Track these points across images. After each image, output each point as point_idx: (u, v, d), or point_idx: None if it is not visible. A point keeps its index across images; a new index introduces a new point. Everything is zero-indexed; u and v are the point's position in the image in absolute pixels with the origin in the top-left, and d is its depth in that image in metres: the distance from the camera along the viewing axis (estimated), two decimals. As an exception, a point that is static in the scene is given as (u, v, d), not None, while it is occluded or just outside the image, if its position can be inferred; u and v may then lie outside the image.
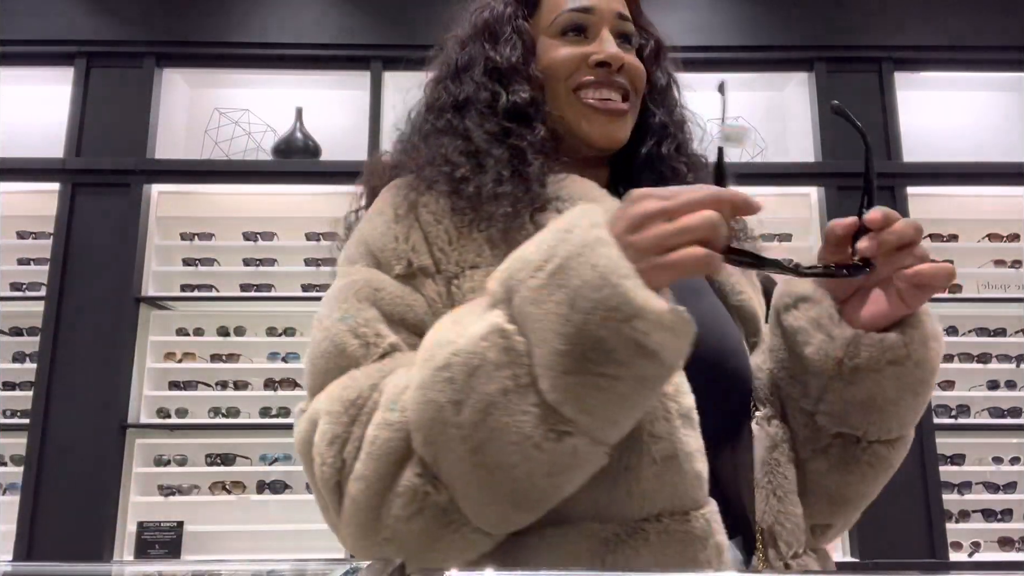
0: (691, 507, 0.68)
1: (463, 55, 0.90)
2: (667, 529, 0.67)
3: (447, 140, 0.83)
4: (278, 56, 3.30)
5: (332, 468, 0.67)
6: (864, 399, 0.74)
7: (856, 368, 0.72)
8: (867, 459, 0.76)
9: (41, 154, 3.16)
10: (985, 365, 3.22)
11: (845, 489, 0.78)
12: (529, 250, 0.63)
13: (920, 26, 3.31)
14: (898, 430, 0.76)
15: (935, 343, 0.72)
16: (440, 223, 0.78)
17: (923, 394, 0.74)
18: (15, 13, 3.23)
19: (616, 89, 0.87)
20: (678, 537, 0.67)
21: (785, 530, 0.76)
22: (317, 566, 0.43)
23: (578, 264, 0.59)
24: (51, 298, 3.01)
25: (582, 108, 0.86)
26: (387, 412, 0.66)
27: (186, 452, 3.11)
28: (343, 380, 0.70)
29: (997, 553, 3.04)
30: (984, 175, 3.26)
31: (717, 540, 0.69)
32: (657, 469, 0.67)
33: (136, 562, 2.75)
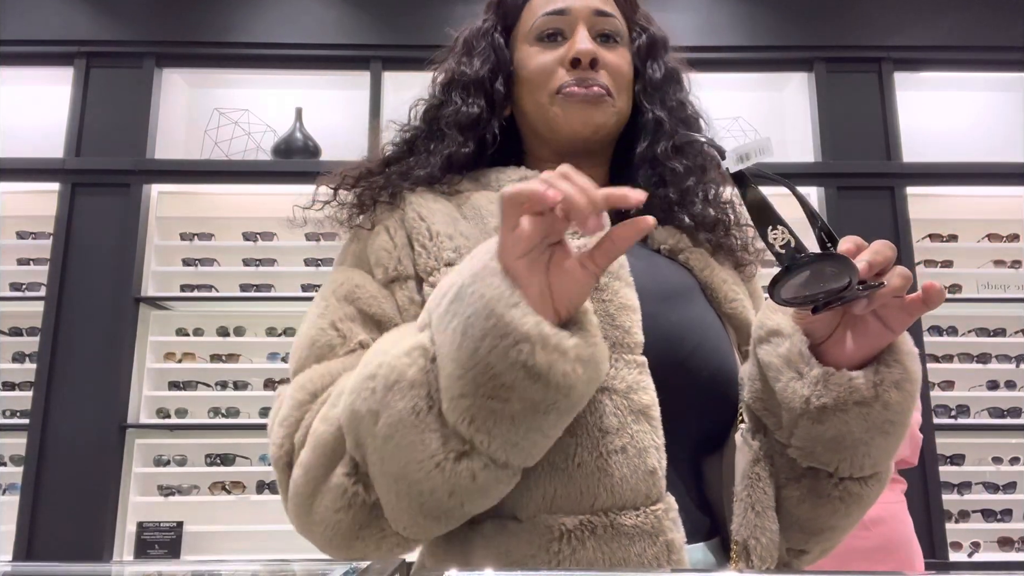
0: (642, 503, 0.69)
1: (441, 70, 0.94)
2: (613, 523, 0.68)
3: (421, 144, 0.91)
4: (278, 56, 3.30)
5: (282, 450, 0.73)
6: (832, 437, 0.71)
7: (823, 407, 0.69)
8: (838, 494, 0.74)
9: (41, 154, 3.16)
10: (985, 365, 3.22)
11: (816, 521, 0.76)
12: (450, 275, 0.66)
13: (920, 26, 3.31)
14: (871, 468, 0.73)
15: (910, 385, 0.69)
16: (424, 220, 0.82)
17: (894, 434, 0.71)
18: (15, 13, 3.23)
19: (594, 86, 0.86)
20: (624, 532, 0.68)
21: (760, 544, 0.73)
22: (317, 566, 0.43)
23: (470, 294, 0.61)
24: (51, 298, 3.01)
25: (562, 101, 0.86)
26: (331, 408, 0.70)
27: (186, 452, 3.10)
28: (314, 369, 0.75)
29: (997, 553, 3.04)
30: (984, 175, 3.26)
31: (669, 539, 0.68)
32: (603, 463, 0.69)
33: (136, 562, 2.75)
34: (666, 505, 0.70)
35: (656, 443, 0.70)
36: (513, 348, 0.59)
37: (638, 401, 0.71)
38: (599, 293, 0.75)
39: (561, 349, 0.60)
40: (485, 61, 0.91)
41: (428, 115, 0.92)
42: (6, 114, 3.29)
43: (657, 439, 0.71)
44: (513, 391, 0.60)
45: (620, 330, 0.73)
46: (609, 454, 0.69)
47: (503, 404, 0.61)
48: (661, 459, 0.70)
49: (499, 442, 0.63)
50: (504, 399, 0.61)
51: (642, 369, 0.73)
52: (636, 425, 0.70)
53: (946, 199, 3.33)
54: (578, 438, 0.70)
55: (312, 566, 0.46)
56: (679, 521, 0.70)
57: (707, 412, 0.78)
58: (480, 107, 0.89)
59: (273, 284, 3.22)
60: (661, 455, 0.71)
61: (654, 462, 0.70)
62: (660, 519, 0.69)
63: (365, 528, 0.69)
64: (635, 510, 0.69)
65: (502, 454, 0.63)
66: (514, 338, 0.59)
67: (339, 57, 3.30)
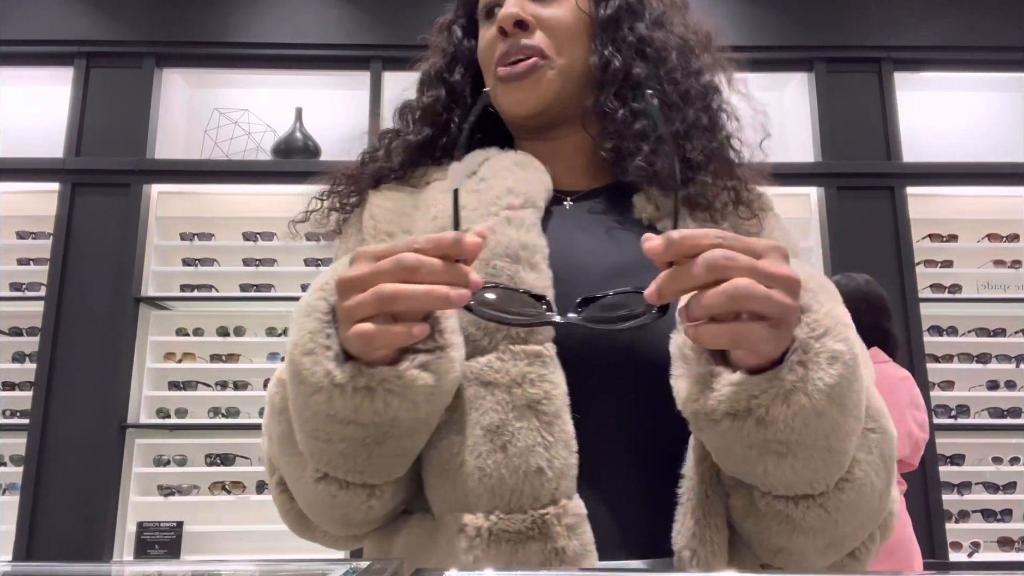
0: (529, 505, 0.63)
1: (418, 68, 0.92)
2: (495, 527, 0.63)
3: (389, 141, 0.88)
4: (278, 56, 3.30)
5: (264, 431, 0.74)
6: (718, 448, 0.61)
7: (695, 412, 0.59)
8: (767, 511, 0.62)
9: (41, 154, 3.17)
10: (985, 365, 3.22)
11: (762, 538, 0.65)
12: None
13: (920, 26, 3.31)
14: (786, 489, 0.61)
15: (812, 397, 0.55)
16: (373, 219, 0.81)
17: (799, 457, 0.57)
18: (15, 13, 3.23)
19: (526, 51, 0.79)
20: (504, 537, 0.63)
21: (699, 557, 0.63)
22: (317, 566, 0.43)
23: (291, 332, 0.62)
24: (51, 298, 3.01)
25: (497, 85, 0.82)
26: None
27: (186, 452, 3.10)
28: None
29: (997, 553, 3.04)
30: (984, 175, 3.26)
31: (559, 545, 0.62)
32: (482, 463, 0.64)
33: (136, 562, 2.75)
34: (560, 510, 0.63)
35: (545, 440, 0.64)
36: (311, 398, 0.59)
37: (523, 395, 0.65)
38: (492, 280, 0.67)
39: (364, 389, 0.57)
40: (444, 54, 0.89)
41: (398, 114, 0.90)
42: (6, 114, 3.29)
43: (548, 436, 0.64)
44: (331, 432, 0.60)
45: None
46: (488, 454, 0.64)
47: (326, 444, 0.61)
48: (555, 458, 0.64)
49: (343, 471, 0.63)
50: (326, 440, 0.61)
51: (533, 360, 0.66)
52: (519, 422, 0.64)
53: (946, 199, 3.33)
54: (463, 437, 0.66)
55: (312, 566, 0.46)
56: (582, 529, 0.63)
57: (652, 407, 0.67)
58: (437, 97, 0.86)
59: (273, 284, 3.22)
60: (555, 453, 0.64)
61: (539, 461, 0.63)
62: (549, 524, 0.63)
63: (307, 531, 0.73)
64: (521, 513, 0.63)
65: (353, 478, 0.63)
66: (307, 388, 0.59)
67: (339, 57, 3.30)
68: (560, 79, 0.80)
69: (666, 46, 0.81)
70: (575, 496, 0.64)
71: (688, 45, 0.82)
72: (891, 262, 3.07)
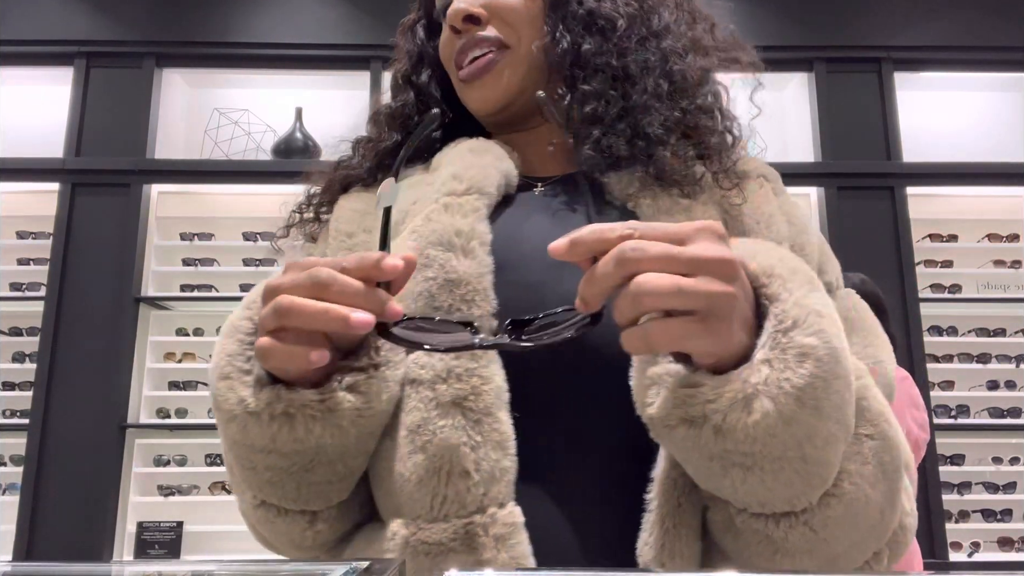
0: (454, 513, 0.57)
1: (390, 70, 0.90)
2: (412, 537, 0.58)
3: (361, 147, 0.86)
4: (278, 56, 3.30)
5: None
6: (681, 459, 0.55)
7: (649, 418, 0.53)
8: (744, 529, 0.55)
9: (41, 154, 3.16)
10: (985, 365, 3.22)
11: (743, 557, 0.58)
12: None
13: (920, 26, 3.31)
14: (760, 507, 0.54)
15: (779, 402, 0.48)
16: (336, 221, 0.79)
17: (757, 471, 0.50)
18: (15, 13, 3.23)
19: (484, 44, 0.76)
20: (423, 549, 0.57)
21: (665, 570, 0.57)
22: (316, 566, 0.43)
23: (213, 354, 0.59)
24: (51, 298, 3.01)
25: (460, 86, 0.79)
26: None
27: (186, 452, 3.10)
28: None
29: (997, 553, 3.04)
30: (984, 175, 3.26)
31: (483, 558, 0.56)
32: (403, 466, 0.59)
33: (136, 562, 2.74)
34: (487, 519, 0.57)
35: (472, 440, 0.58)
36: (227, 426, 0.56)
37: (447, 391, 0.59)
38: (424, 271, 0.63)
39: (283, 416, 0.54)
40: (409, 56, 0.86)
41: (371, 121, 0.88)
42: (6, 114, 3.29)
43: (476, 435, 0.58)
44: (254, 461, 0.57)
45: (441, 311, 0.62)
46: (408, 456, 0.59)
47: (252, 472, 0.58)
48: (483, 460, 0.58)
49: (276, 498, 0.60)
50: (251, 468, 0.58)
51: (460, 353, 0.60)
52: (442, 420, 0.58)
53: (946, 199, 3.33)
54: (393, 441, 0.61)
55: (312, 566, 0.45)
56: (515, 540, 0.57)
57: (611, 404, 0.60)
58: (405, 101, 0.84)
59: (273, 284, 3.22)
60: (483, 455, 0.58)
61: (464, 463, 0.57)
62: (473, 535, 0.57)
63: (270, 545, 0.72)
64: (444, 522, 0.57)
65: (289, 505, 0.60)
66: (224, 416, 0.56)
67: (339, 57, 3.30)
68: (522, 68, 0.76)
69: (617, 14, 0.74)
70: (509, 503, 0.58)
71: (644, 8, 0.76)
72: (891, 262, 3.07)
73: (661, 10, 0.77)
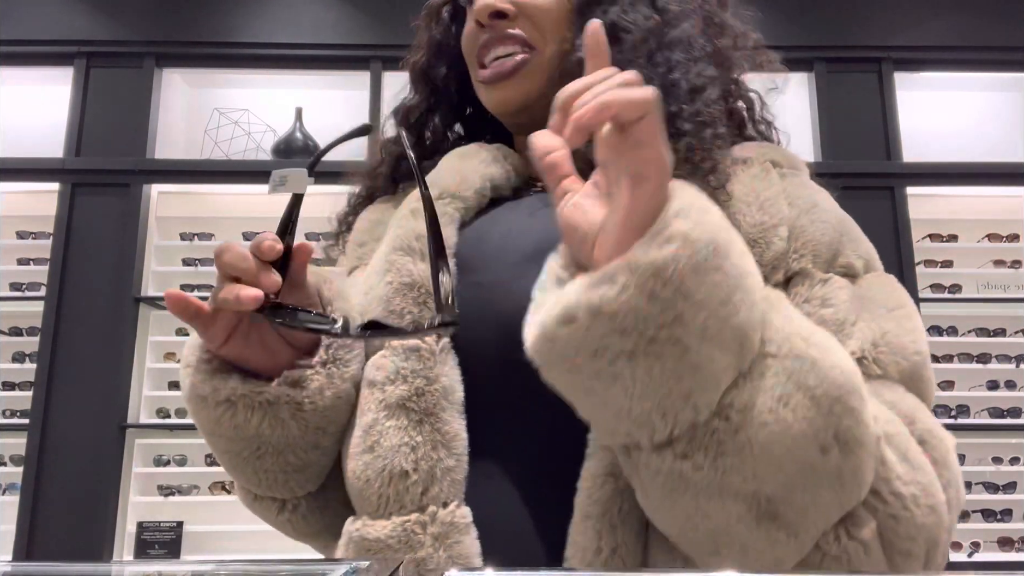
0: (395, 511, 0.59)
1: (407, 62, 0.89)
2: (355, 534, 0.60)
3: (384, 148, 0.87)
4: (278, 56, 3.30)
5: None
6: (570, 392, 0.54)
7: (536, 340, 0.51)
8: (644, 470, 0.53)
9: (41, 154, 3.16)
10: (985, 365, 3.21)
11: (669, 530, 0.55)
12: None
13: (920, 26, 3.31)
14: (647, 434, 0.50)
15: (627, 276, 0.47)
16: (353, 231, 0.82)
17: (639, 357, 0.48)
18: (15, 13, 3.22)
19: (509, 43, 0.74)
20: (364, 545, 0.59)
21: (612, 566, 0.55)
22: (317, 566, 0.43)
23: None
24: (51, 298, 3.00)
25: (479, 84, 0.78)
26: None
27: (186, 452, 3.10)
28: None
29: (997, 553, 3.04)
30: (984, 175, 3.26)
31: (419, 556, 0.57)
32: (354, 465, 0.62)
33: (136, 562, 2.74)
34: (426, 517, 0.58)
35: (412, 440, 0.59)
36: (188, 408, 0.63)
37: (394, 392, 0.61)
38: (385, 275, 0.66)
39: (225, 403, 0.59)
40: (429, 47, 0.84)
41: (393, 119, 0.88)
42: (6, 114, 3.29)
43: (416, 435, 0.59)
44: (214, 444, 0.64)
45: (394, 314, 0.64)
46: (359, 455, 0.61)
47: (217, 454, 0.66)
48: (423, 460, 0.59)
49: (243, 480, 0.66)
50: (215, 450, 0.65)
51: (410, 355, 0.62)
52: (389, 420, 0.60)
53: (946, 199, 3.33)
54: (348, 440, 0.63)
55: (312, 566, 0.45)
56: (455, 539, 0.58)
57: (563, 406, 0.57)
58: (421, 97, 0.83)
59: (273, 284, 3.22)
60: (424, 455, 0.59)
61: (404, 463, 0.59)
62: (410, 532, 0.58)
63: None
64: (384, 519, 0.59)
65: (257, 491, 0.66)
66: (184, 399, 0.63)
67: (339, 57, 3.30)
68: (545, 72, 0.75)
69: (633, 26, 0.73)
70: (453, 503, 0.59)
71: (664, 21, 0.75)
72: (891, 262, 3.06)
73: (684, 23, 0.75)
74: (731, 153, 0.73)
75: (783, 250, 0.66)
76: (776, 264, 0.65)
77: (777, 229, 0.67)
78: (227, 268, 0.57)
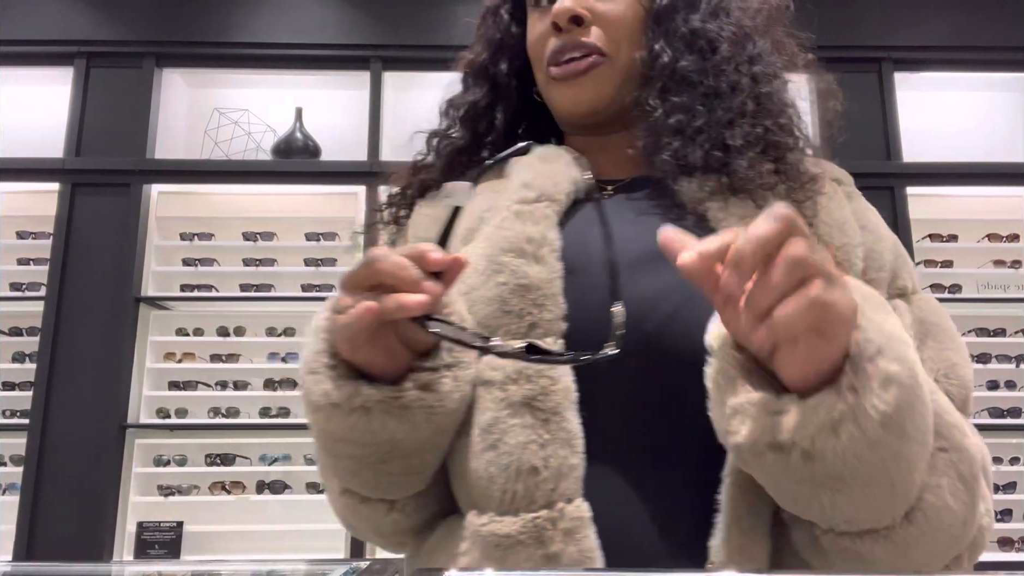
0: (523, 507, 0.60)
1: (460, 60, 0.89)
2: (483, 528, 0.61)
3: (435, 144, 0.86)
4: (278, 56, 3.30)
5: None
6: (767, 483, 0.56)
7: (736, 446, 0.53)
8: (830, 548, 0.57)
9: (41, 154, 3.16)
10: (985, 365, 3.21)
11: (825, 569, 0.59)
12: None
13: (920, 26, 3.31)
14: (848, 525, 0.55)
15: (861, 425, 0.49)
16: (411, 228, 0.82)
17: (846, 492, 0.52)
18: (15, 13, 3.23)
19: (582, 49, 0.76)
20: (492, 541, 0.60)
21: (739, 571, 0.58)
22: (317, 566, 0.43)
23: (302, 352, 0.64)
24: (51, 298, 3.00)
25: (549, 82, 0.79)
26: None
27: (186, 452, 3.10)
28: None
29: (997, 553, 3.04)
30: (984, 175, 3.26)
31: (551, 551, 0.58)
32: (476, 463, 0.62)
33: (136, 562, 2.75)
34: (555, 513, 0.59)
35: (541, 438, 0.61)
36: (313, 416, 0.61)
37: (517, 392, 0.62)
38: (496, 276, 0.66)
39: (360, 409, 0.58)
40: (488, 43, 0.85)
41: (443, 112, 0.87)
42: (6, 114, 3.29)
43: (544, 433, 0.61)
44: (337, 450, 0.62)
45: (510, 315, 0.65)
46: (480, 453, 0.62)
47: (336, 460, 0.64)
48: (551, 457, 0.60)
49: (356, 486, 0.65)
50: (335, 456, 0.63)
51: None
52: (513, 419, 0.61)
53: (946, 199, 3.33)
54: (464, 438, 0.64)
55: (312, 566, 0.46)
56: (582, 534, 0.59)
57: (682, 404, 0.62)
58: (480, 94, 0.84)
59: (273, 284, 3.22)
60: (552, 452, 0.60)
61: (534, 460, 0.60)
62: (541, 528, 0.59)
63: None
64: (513, 516, 0.60)
65: (369, 493, 0.65)
66: (310, 407, 0.61)
67: (339, 57, 3.30)
68: (619, 77, 0.77)
69: (719, 37, 0.76)
70: (577, 499, 0.60)
71: (744, 33, 0.78)
72: (891, 262, 3.07)
73: (756, 37, 0.79)
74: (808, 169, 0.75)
75: (860, 271, 0.70)
76: None
77: (856, 250, 0.71)
78: (386, 276, 0.55)
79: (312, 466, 3.05)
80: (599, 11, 0.77)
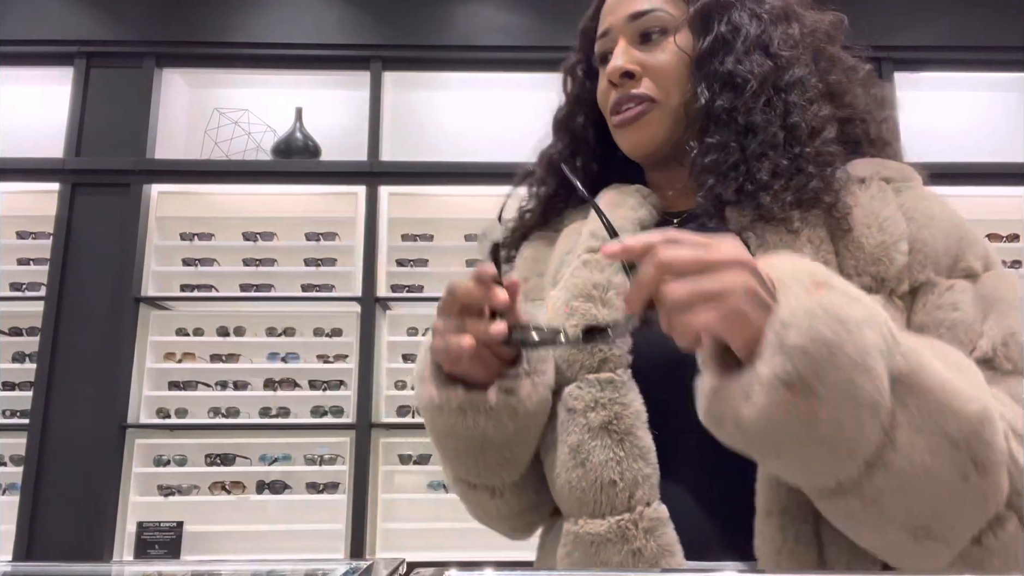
0: (608, 512, 0.72)
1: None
2: (580, 530, 0.74)
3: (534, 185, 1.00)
4: (278, 56, 3.30)
5: None
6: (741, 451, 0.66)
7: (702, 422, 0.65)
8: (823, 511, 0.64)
9: (41, 154, 3.16)
10: (985, 365, 3.21)
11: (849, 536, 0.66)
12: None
13: (920, 26, 3.31)
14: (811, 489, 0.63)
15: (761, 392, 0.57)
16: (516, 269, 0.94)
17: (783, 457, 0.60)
18: (15, 13, 3.23)
19: (635, 99, 0.87)
20: (587, 540, 0.73)
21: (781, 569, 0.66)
22: (317, 566, 0.43)
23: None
24: (51, 298, 3.01)
25: (614, 129, 0.91)
26: None
27: (186, 452, 3.11)
28: None
29: None
30: (984, 175, 3.26)
31: (634, 547, 0.70)
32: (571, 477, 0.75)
33: (136, 562, 2.75)
34: (636, 516, 0.71)
35: (617, 455, 0.73)
36: (424, 414, 0.77)
37: (596, 418, 0.75)
38: (571, 319, 0.79)
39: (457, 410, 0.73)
40: (568, 99, 0.97)
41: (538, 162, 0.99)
42: (6, 114, 3.29)
43: (619, 451, 0.73)
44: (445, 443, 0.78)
45: (584, 353, 0.77)
46: (572, 469, 0.75)
47: (444, 450, 0.79)
48: (627, 470, 0.73)
49: (463, 472, 0.80)
50: (444, 448, 0.79)
51: (605, 386, 0.75)
52: (594, 441, 0.74)
53: (946, 199, 3.33)
54: (555, 455, 0.77)
55: (312, 566, 0.46)
56: (662, 531, 0.71)
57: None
58: (562, 147, 0.96)
59: (273, 284, 3.22)
60: (627, 466, 0.73)
61: (611, 474, 0.73)
62: (624, 528, 0.71)
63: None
64: (600, 519, 0.73)
65: (474, 479, 0.80)
66: (422, 409, 0.77)
67: (339, 57, 3.30)
68: (670, 119, 0.86)
69: (751, 74, 0.82)
70: (655, 502, 0.72)
71: (779, 64, 0.83)
72: (891, 262, 3.07)
73: (795, 66, 0.84)
74: (850, 177, 0.81)
75: (905, 264, 0.76)
76: (900, 277, 0.76)
77: (898, 245, 0.77)
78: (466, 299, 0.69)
79: (312, 466, 3.06)
80: (647, 63, 0.87)
